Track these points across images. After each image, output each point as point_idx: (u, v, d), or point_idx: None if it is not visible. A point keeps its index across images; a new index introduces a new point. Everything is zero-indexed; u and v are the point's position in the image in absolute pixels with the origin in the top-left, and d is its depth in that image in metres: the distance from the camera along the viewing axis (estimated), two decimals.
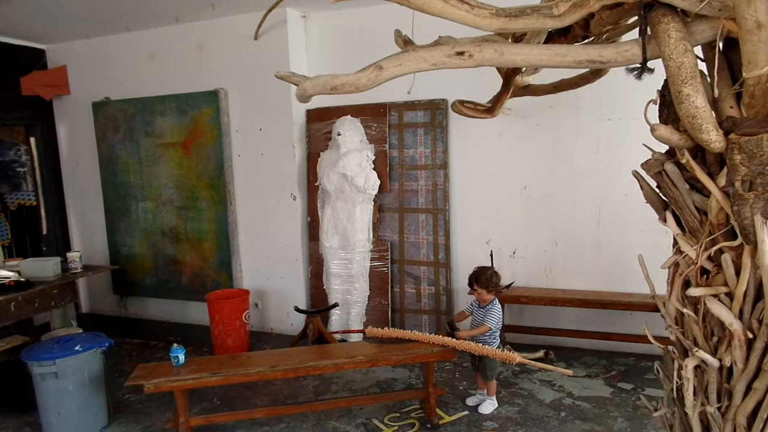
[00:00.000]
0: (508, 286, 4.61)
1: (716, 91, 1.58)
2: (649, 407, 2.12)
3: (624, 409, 3.61)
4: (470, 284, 3.59)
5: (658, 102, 1.75)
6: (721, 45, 1.60)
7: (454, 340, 3.40)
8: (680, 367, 1.77)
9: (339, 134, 4.79)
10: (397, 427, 3.49)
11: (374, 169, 4.86)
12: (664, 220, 1.83)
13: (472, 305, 3.69)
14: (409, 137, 4.89)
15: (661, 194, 1.84)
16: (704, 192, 1.66)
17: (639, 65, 1.64)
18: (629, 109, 4.16)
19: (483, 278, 3.54)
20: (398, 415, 3.64)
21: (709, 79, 1.61)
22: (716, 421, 1.73)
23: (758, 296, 1.58)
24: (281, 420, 3.61)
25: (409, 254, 4.98)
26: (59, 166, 6.06)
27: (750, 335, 1.59)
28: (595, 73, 2.49)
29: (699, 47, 1.64)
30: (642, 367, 4.20)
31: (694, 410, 1.77)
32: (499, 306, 3.60)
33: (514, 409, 3.66)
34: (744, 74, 1.45)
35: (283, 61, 4.83)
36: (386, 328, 3.67)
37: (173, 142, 5.42)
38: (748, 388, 1.63)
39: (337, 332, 4.73)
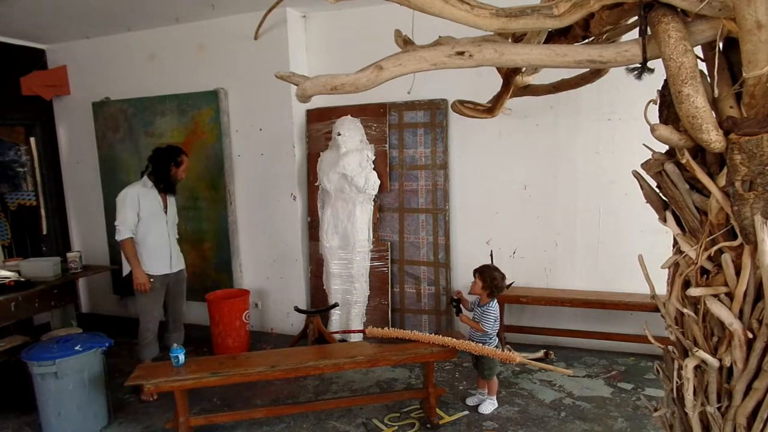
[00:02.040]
0: (508, 286, 4.61)
1: (716, 91, 1.58)
2: (649, 407, 2.12)
3: (624, 409, 3.61)
4: (474, 273, 3.60)
5: (658, 102, 1.75)
6: (721, 45, 1.60)
7: (454, 340, 3.40)
8: (680, 367, 1.77)
9: (339, 134, 4.79)
10: (397, 427, 3.49)
11: (374, 169, 4.86)
12: (664, 220, 1.83)
13: (475, 301, 3.69)
14: (409, 137, 4.89)
15: (661, 194, 1.84)
16: (704, 192, 1.66)
17: (639, 65, 1.64)
18: (629, 109, 4.16)
19: (487, 273, 3.53)
20: (398, 415, 3.65)
21: (709, 79, 1.60)
22: (716, 421, 1.73)
23: (758, 296, 1.58)
24: (281, 420, 3.61)
25: (409, 254, 4.98)
26: (59, 166, 6.06)
27: (750, 335, 1.59)
28: (595, 73, 2.49)
29: (699, 47, 1.64)
30: (642, 367, 4.20)
31: (694, 410, 1.77)
32: (497, 308, 3.56)
33: (514, 409, 3.67)
34: (744, 74, 1.45)
35: (283, 61, 4.83)
36: (386, 328, 3.68)
37: (173, 142, 5.40)
38: (748, 388, 1.63)
39: (337, 332, 4.73)
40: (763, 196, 1.48)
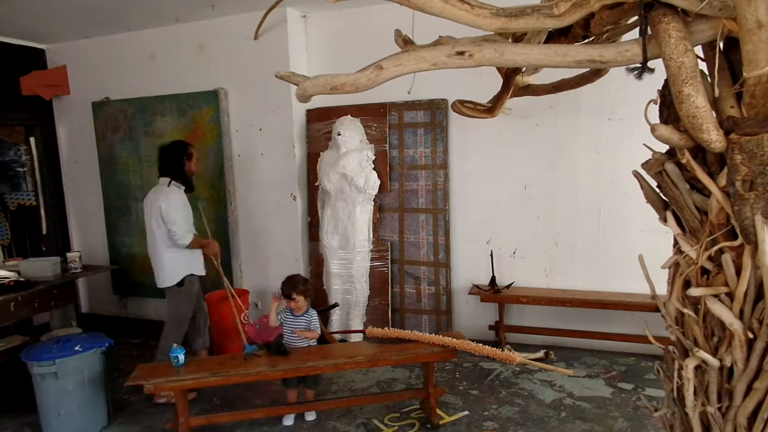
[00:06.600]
0: (508, 286, 4.62)
1: (717, 91, 1.58)
2: (650, 407, 2.12)
3: (624, 409, 3.61)
4: (288, 294, 3.54)
5: (659, 102, 1.75)
6: (721, 45, 1.60)
7: (454, 340, 3.39)
8: (680, 368, 1.77)
9: (339, 134, 4.79)
10: (397, 427, 3.49)
11: (374, 169, 4.86)
12: (665, 220, 1.83)
13: (284, 315, 3.62)
14: (409, 137, 4.89)
15: (661, 194, 1.83)
16: (705, 192, 1.65)
17: (639, 65, 1.64)
18: (629, 109, 4.16)
19: (300, 285, 3.56)
20: (398, 415, 3.64)
21: (709, 79, 1.60)
22: (717, 422, 1.73)
23: (759, 296, 1.58)
24: (281, 420, 3.61)
25: (409, 254, 4.98)
26: (59, 166, 6.05)
27: (750, 335, 1.59)
28: (595, 73, 2.48)
29: (699, 47, 1.64)
30: (642, 367, 4.20)
31: (695, 410, 1.77)
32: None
33: (514, 409, 3.66)
34: (744, 74, 1.45)
35: (283, 61, 4.83)
36: (386, 328, 3.68)
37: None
38: (749, 389, 1.62)
39: (337, 332, 4.73)
40: (764, 195, 1.48)
